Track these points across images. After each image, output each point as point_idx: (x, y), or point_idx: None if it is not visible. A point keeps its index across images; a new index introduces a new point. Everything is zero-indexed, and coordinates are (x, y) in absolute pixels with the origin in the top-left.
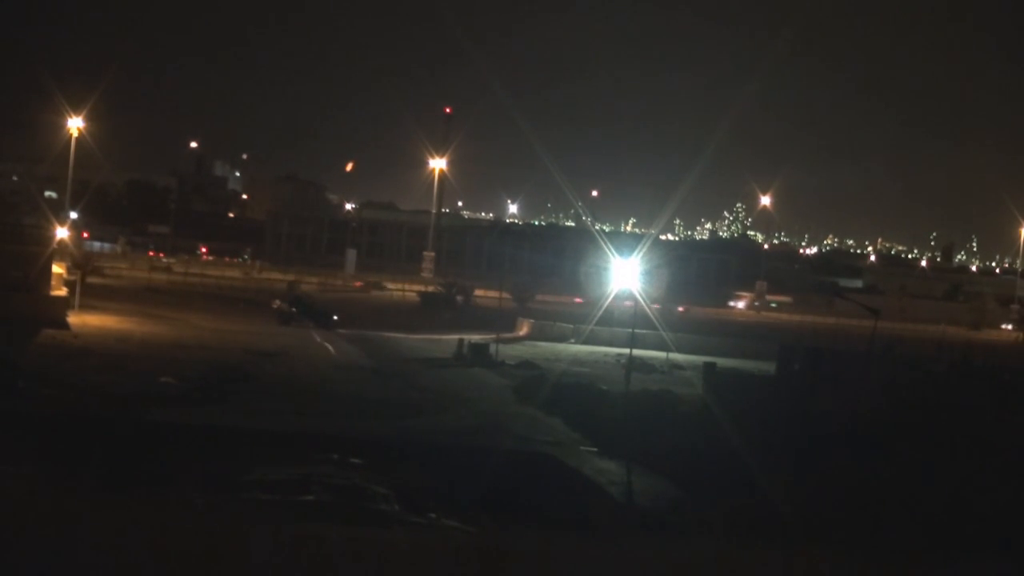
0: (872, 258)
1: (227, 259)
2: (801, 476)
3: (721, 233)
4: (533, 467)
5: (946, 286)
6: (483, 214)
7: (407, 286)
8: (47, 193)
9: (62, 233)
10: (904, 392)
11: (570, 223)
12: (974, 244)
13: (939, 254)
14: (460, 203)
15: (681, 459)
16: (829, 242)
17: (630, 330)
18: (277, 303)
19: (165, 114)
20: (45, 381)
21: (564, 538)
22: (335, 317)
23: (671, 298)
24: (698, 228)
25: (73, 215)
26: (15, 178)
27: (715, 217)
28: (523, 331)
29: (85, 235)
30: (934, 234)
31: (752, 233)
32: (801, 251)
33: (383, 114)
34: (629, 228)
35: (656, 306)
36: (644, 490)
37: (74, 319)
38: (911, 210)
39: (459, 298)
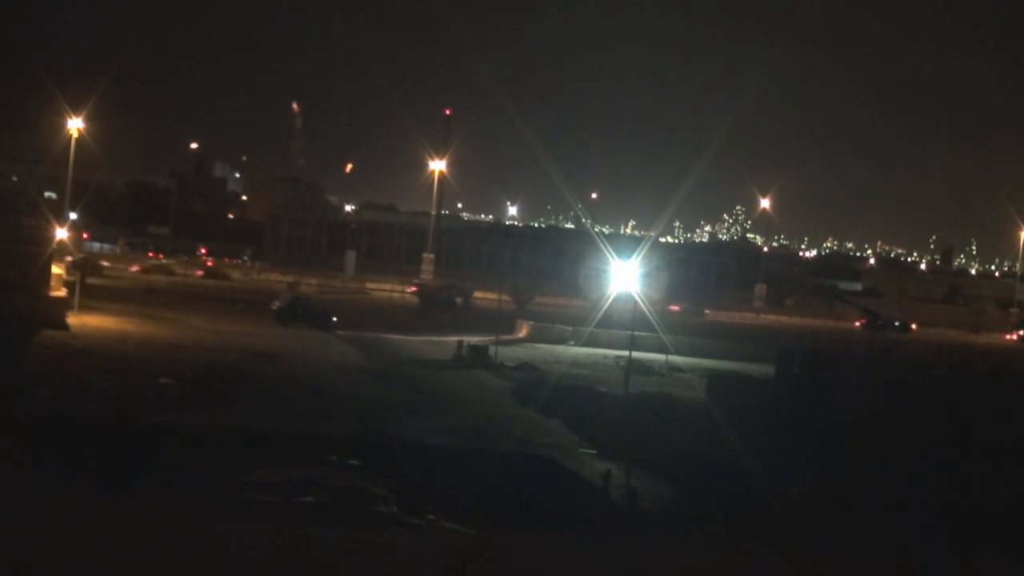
0: (871, 261)
1: (227, 260)
2: (800, 478)
3: (721, 235)
4: (532, 469)
5: (945, 289)
6: (483, 216)
7: (406, 287)
8: (47, 193)
9: (62, 234)
10: (904, 395)
11: (570, 225)
12: (974, 247)
13: (939, 257)
14: (460, 205)
15: (680, 461)
16: (828, 245)
17: (629, 332)
18: (276, 304)
19: (165, 114)
20: (44, 382)
21: (563, 539)
22: (334, 318)
23: (670, 300)
24: (697, 230)
25: (73, 216)
26: (15, 178)
27: (715, 220)
28: (522, 333)
29: (85, 236)
30: (934, 237)
31: (751, 236)
32: (800, 254)
33: (383, 115)
34: (629, 230)
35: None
36: (643, 492)
37: (73, 320)
38: (911, 213)
39: (458, 300)
